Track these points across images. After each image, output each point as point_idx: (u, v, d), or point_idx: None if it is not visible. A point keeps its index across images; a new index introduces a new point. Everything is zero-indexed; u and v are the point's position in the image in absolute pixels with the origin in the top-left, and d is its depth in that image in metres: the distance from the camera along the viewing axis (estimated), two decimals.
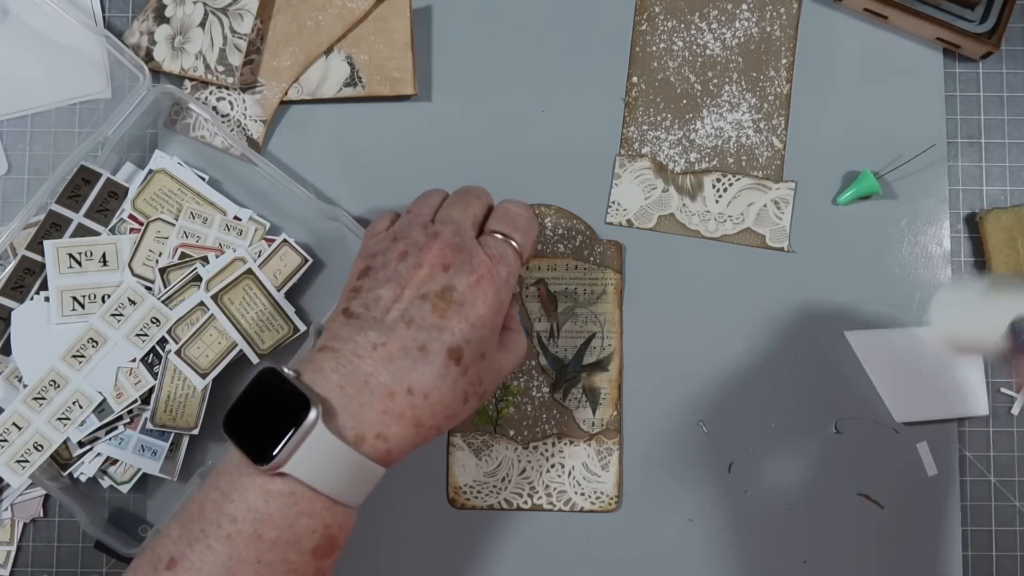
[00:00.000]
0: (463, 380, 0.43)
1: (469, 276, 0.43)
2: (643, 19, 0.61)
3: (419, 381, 0.41)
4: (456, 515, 0.58)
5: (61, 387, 0.55)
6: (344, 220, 0.57)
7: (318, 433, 0.39)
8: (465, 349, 0.43)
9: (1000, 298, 0.43)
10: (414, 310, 0.42)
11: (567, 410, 0.58)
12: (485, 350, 0.44)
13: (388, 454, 0.41)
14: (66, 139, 0.61)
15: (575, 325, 0.59)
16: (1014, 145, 0.60)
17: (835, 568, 0.57)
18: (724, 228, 0.59)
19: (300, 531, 0.40)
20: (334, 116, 0.61)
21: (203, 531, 0.40)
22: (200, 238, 0.57)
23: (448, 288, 0.43)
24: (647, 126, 0.60)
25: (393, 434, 0.41)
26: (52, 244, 0.56)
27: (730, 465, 0.58)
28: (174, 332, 0.56)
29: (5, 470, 0.55)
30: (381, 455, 0.41)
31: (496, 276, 0.44)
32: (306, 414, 0.39)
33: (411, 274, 0.43)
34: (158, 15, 0.60)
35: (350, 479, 0.40)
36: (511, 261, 0.46)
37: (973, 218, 0.59)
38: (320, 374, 0.41)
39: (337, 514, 0.41)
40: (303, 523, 0.40)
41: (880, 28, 0.60)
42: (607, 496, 0.58)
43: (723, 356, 0.59)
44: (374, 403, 0.41)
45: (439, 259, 0.43)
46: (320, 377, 0.41)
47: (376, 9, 0.60)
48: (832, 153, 0.60)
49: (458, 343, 0.42)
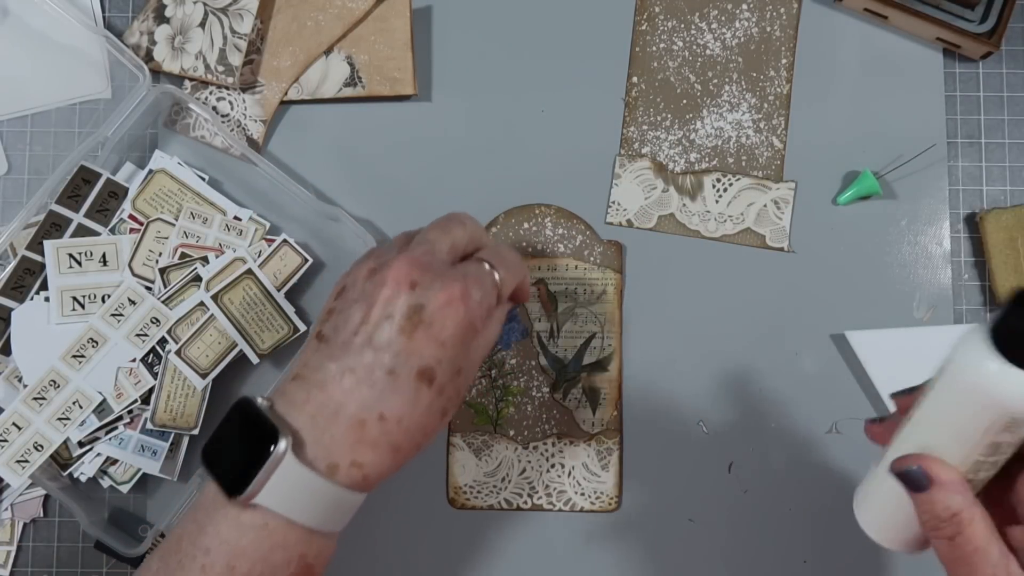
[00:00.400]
0: (439, 400, 0.41)
1: (439, 294, 0.41)
2: (643, 19, 0.61)
3: (390, 407, 0.40)
4: (456, 515, 0.58)
5: (61, 387, 0.55)
6: (344, 220, 0.57)
7: (288, 464, 0.39)
8: (437, 370, 0.41)
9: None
10: (381, 332, 0.41)
11: (567, 410, 0.58)
12: (460, 366, 0.42)
13: (365, 480, 0.40)
14: (66, 139, 0.61)
15: (575, 325, 0.59)
16: (1014, 145, 0.60)
17: (835, 568, 0.57)
18: (724, 228, 0.59)
19: (275, 563, 0.40)
20: (334, 116, 0.61)
21: (180, 563, 0.40)
22: (200, 238, 0.57)
23: (416, 307, 0.41)
24: (647, 126, 0.60)
25: (369, 461, 0.40)
26: (52, 244, 0.56)
27: (730, 465, 0.58)
28: (174, 332, 0.56)
29: (5, 470, 0.55)
30: (357, 482, 0.40)
31: (468, 297, 0.42)
32: (276, 446, 0.39)
33: (376, 292, 0.41)
34: (158, 15, 0.60)
35: (325, 508, 0.40)
36: (487, 287, 0.43)
37: (973, 218, 0.59)
38: (292, 405, 0.41)
39: (314, 543, 0.40)
40: (277, 555, 0.40)
41: (880, 28, 0.60)
42: (607, 496, 0.58)
43: (723, 356, 0.59)
44: (346, 433, 0.40)
45: (404, 276, 0.41)
46: (292, 408, 0.41)
47: (376, 9, 0.60)
48: (832, 153, 0.60)
49: (428, 364, 0.41)
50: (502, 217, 0.59)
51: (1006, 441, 0.34)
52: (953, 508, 0.35)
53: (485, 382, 0.59)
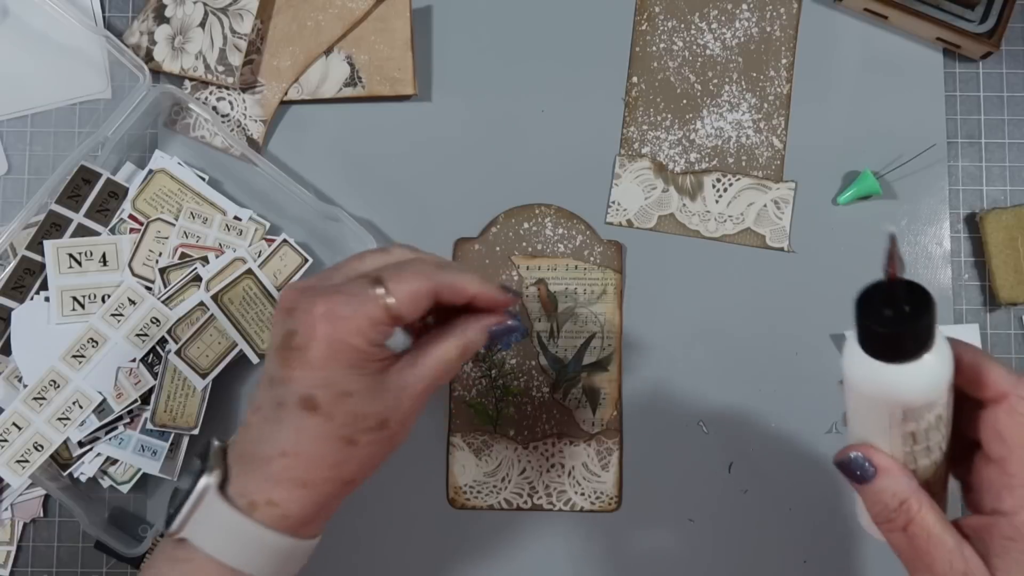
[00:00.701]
0: (330, 426, 0.39)
1: (306, 316, 0.39)
2: (643, 19, 0.61)
3: (284, 441, 0.40)
4: (456, 515, 0.58)
5: (61, 387, 0.55)
6: (344, 220, 0.57)
7: (211, 500, 0.39)
8: (318, 395, 0.39)
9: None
10: (270, 365, 0.41)
11: (567, 410, 0.58)
12: (349, 388, 0.39)
13: (286, 519, 0.40)
14: (66, 139, 0.61)
15: (575, 325, 0.59)
16: (1014, 145, 0.60)
17: (835, 568, 0.57)
18: (724, 228, 0.59)
19: None
20: (334, 116, 0.61)
21: None
22: (200, 238, 0.57)
23: (289, 334, 0.40)
24: (647, 126, 0.60)
25: (281, 499, 0.40)
26: (52, 244, 0.56)
27: (730, 465, 0.58)
28: (174, 332, 0.56)
29: (5, 470, 0.55)
30: (278, 521, 0.40)
31: (333, 314, 0.39)
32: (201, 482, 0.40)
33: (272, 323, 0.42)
34: (158, 15, 0.60)
35: (248, 548, 0.40)
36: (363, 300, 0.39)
37: (973, 218, 0.59)
38: (233, 444, 0.42)
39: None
40: None
41: (880, 28, 0.60)
42: (607, 496, 0.58)
43: (723, 356, 0.59)
44: (257, 470, 0.40)
45: (285, 303, 0.40)
46: (233, 447, 0.41)
47: (376, 9, 0.60)
48: (832, 153, 0.60)
49: (307, 391, 0.39)
50: (502, 217, 0.59)
51: (919, 428, 0.35)
52: (901, 495, 0.36)
53: (485, 382, 0.59)
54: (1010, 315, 0.59)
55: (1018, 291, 0.57)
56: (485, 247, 0.59)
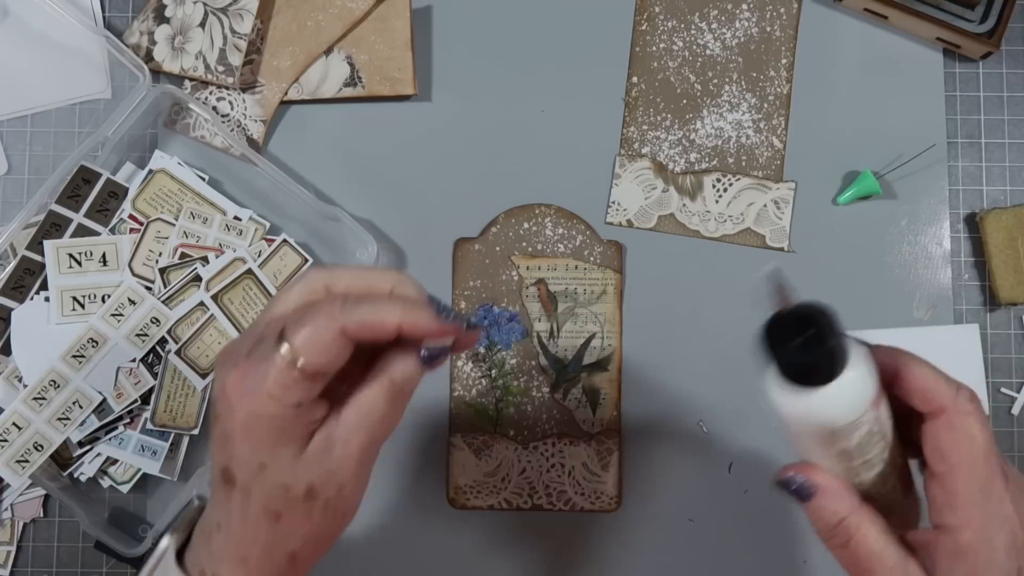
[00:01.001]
0: (249, 502, 0.37)
1: (221, 389, 0.37)
2: (643, 19, 0.61)
3: (217, 516, 0.39)
4: (456, 515, 0.58)
5: (61, 387, 0.55)
6: (344, 220, 0.57)
7: (166, 563, 0.40)
8: (233, 469, 0.37)
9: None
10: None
11: (567, 410, 0.58)
12: (264, 460, 0.37)
13: None
14: (66, 139, 0.61)
15: (575, 325, 0.59)
16: (1014, 145, 0.60)
17: (835, 568, 0.57)
18: (724, 228, 0.59)
19: None
20: (334, 116, 0.61)
21: None
22: (200, 238, 0.57)
23: (213, 402, 0.38)
24: (647, 126, 0.60)
25: (227, 573, 0.39)
26: (52, 244, 0.56)
27: (730, 465, 0.58)
28: (174, 332, 0.56)
29: (5, 470, 0.55)
30: None
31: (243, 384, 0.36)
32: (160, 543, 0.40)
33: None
34: (158, 15, 0.60)
35: None
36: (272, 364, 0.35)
37: (973, 218, 0.59)
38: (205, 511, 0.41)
39: None
40: None
41: (880, 28, 0.60)
42: (607, 496, 0.58)
43: (723, 356, 0.59)
44: (205, 542, 0.40)
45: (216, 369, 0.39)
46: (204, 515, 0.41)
47: (376, 9, 0.60)
48: (832, 153, 0.60)
49: (225, 464, 0.38)
50: (502, 217, 0.59)
51: (851, 445, 0.34)
52: (840, 513, 0.35)
53: (485, 382, 0.59)
54: (1010, 315, 0.59)
55: (1018, 291, 0.57)
56: (485, 247, 0.59)
